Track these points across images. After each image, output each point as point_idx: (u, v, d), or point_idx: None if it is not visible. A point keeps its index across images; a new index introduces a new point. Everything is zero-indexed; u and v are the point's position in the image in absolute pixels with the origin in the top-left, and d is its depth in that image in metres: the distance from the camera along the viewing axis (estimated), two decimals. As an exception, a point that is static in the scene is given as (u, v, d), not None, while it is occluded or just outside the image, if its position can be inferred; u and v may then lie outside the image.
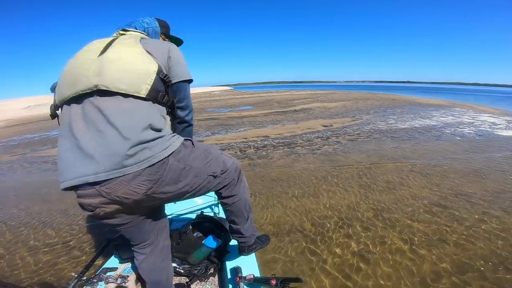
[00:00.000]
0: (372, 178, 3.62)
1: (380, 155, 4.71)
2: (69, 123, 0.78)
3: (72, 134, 0.76)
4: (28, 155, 6.92)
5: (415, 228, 2.37)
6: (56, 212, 3.15)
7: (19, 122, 19.08)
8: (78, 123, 0.76)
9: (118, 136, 0.73)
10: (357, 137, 6.06)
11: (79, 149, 0.74)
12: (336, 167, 4.15)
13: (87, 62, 0.80)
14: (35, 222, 2.95)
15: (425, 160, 4.35)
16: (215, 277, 1.39)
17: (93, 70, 0.77)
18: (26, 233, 2.73)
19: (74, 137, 0.75)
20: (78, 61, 0.83)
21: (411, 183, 3.42)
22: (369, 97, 18.68)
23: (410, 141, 5.72)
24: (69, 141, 0.76)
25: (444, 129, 6.91)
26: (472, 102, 15.86)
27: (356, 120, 8.53)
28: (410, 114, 9.59)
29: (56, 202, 3.44)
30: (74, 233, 2.65)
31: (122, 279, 1.22)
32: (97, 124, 0.74)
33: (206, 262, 1.40)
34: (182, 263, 1.38)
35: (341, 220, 2.56)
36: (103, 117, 0.74)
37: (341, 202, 2.93)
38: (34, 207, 3.33)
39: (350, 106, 12.59)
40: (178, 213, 1.90)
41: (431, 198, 2.96)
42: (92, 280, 1.18)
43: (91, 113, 0.76)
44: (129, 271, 1.30)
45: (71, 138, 0.76)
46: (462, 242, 2.15)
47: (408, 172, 3.83)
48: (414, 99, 16.84)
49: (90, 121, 0.75)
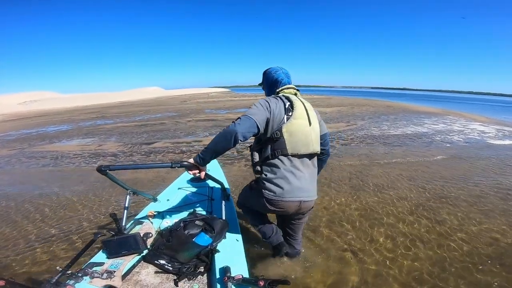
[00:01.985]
0: (361, 181, 3.76)
1: (371, 160, 4.90)
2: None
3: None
4: (25, 150, 6.95)
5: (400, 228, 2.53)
6: (46, 208, 3.20)
7: (15, 117, 18.98)
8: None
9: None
10: (350, 142, 6.26)
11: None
12: (328, 169, 4.29)
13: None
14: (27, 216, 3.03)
15: (414, 166, 4.54)
16: (203, 276, 1.37)
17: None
18: (14, 227, 2.78)
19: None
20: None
21: (399, 185, 3.60)
22: (365, 103, 18.99)
23: (401, 147, 5.91)
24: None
25: (434, 136, 7.13)
26: (464, 111, 16.19)
27: (350, 125, 8.74)
28: (403, 121, 9.83)
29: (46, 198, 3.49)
30: (64, 229, 2.67)
31: (108, 274, 1.21)
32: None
33: (196, 261, 1.40)
34: (171, 261, 1.38)
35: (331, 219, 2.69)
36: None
37: (332, 202, 3.07)
38: (25, 204, 3.35)
39: (345, 112, 12.82)
40: (171, 211, 1.90)
41: (417, 200, 3.12)
42: (77, 274, 1.16)
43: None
44: (115, 266, 1.28)
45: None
46: (442, 242, 2.30)
47: (397, 175, 3.99)
48: (409, 106, 17.16)
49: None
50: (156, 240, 1.55)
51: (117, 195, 3.38)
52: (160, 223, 1.70)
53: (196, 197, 2.14)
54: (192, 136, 7.31)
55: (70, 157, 5.76)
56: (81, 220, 2.82)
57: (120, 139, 7.46)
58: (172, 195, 2.17)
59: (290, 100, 1.43)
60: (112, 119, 12.90)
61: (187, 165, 1.37)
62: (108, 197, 3.38)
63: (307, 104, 1.48)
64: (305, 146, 1.39)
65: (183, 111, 14.67)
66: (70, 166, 5.03)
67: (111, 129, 9.44)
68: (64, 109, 23.86)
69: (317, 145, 1.45)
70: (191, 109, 16.04)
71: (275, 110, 1.37)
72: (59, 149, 6.62)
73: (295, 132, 1.36)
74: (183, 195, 2.16)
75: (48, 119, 15.36)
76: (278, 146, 1.37)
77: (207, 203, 2.04)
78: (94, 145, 6.80)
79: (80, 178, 4.24)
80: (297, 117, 1.38)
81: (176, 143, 6.50)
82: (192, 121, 10.36)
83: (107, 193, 3.52)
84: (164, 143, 6.55)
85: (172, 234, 1.45)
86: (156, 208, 1.90)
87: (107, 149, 6.30)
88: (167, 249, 1.41)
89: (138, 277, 1.33)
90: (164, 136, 7.53)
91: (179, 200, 2.08)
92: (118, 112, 16.78)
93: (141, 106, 20.78)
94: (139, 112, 15.88)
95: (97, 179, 3.99)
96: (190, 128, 8.63)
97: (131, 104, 25.49)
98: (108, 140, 7.44)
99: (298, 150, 1.38)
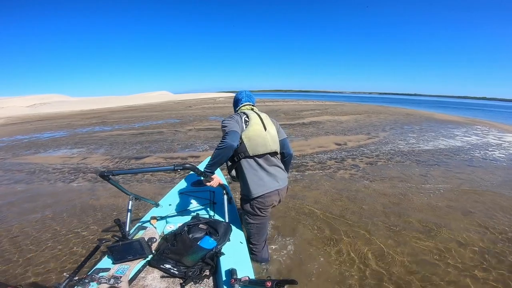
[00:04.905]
0: (401, 218, 2.91)
1: (407, 185, 3.87)
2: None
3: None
4: (7, 160, 6.30)
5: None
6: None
7: (18, 120, 18.73)
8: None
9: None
10: (377, 160, 5.20)
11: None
12: (354, 198, 3.40)
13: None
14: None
15: (462, 193, 3.61)
16: (209, 279, 1.37)
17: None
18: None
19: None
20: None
21: (452, 222, 2.80)
22: (381, 110, 17.73)
23: (438, 166, 4.87)
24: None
25: (473, 152, 6.04)
26: (488, 119, 14.91)
27: (372, 138, 7.63)
28: (430, 132, 8.69)
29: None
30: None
31: (115, 280, 1.19)
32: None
33: (201, 264, 1.39)
34: (176, 265, 1.38)
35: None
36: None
37: (365, 250, 2.29)
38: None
39: (363, 121, 11.65)
40: (173, 215, 1.92)
41: (481, 244, 2.41)
42: (84, 280, 1.14)
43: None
44: (122, 272, 1.27)
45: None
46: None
47: (445, 207, 3.16)
48: (430, 114, 15.84)
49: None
50: (161, 245, 1.54)
51: (79, 242, 2.53)
52: (164, 228, 1.78)
53: (198, 201, 2.13)
54: (189, 150, 6.38)
55: (49, 171, 5.10)
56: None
57: (109, 150, 6.63)
58: (174, 199, 2.15)
59: (246, 114, 1.73)
60: (111, 125, 12.21)
61: (189, 168, 1.36)
62: (66, 232, 2.70)
63: (262, 115, 1.77)
64: (263, 146, 1.64)
65: (186, 118, 13.82)
66: (43, 184, 4.36)
67: (105, 137, 8.65)
68: (68, 113, 23.58)
69: (275, 145, 1.70)
70: (195, 115, 15.17)
71: (239, 122, 1.65)
72: (40, 161, 5.97)
73: (252, 137, 1.63)
74: (184, 199, 2.15)
75: (48, 123, 14.87)
76: (241, 150, 1.62)
77: (209, 206, 2.05)
78: (78, 158, 6.01)
79: (48, 201, 3.62)
80: (252, 125, 1.66)
81: (169, 159, 5.58)
82: (193, 130, 9.43)
83: (69, 226, 2.85)
84: (155, 158, 5.65)
85: (177, 238, 1.46)
86: (159, 213, 1.91)
87: (91, 163, 5.50)
88: (172, 253, 1.41)
89: (145, 282, 1.34)
90: (158, 148, 6.64)
91: (181, 205, 2.07)
92: (120, 117, 16.17)
93: (145, 111, 20.19)
94: (141, 117, 15.20)
95: (67, 203, 3.50)
96: (189, 139, 7.70)
97: (136, 108, 25.02)
98: (96, 151, 6.63)
99: (258, 151, 1.63)
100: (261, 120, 1.70)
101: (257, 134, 1.63)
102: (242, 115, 1.71)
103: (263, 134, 1.65)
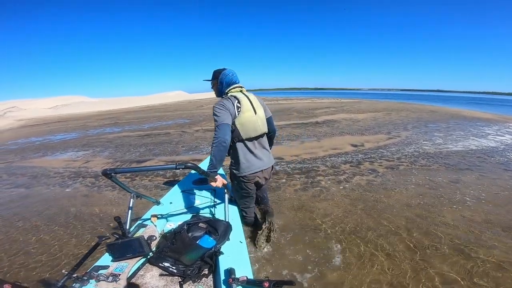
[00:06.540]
0: (431, 237, 2.38)
1: (435, 195, 3.30)
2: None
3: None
4: (14, 164, 6.29)
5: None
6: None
7: (37, 122, 19.44)
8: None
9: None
10: (399, 164, 4.60)
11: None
12: (373, 211, 2.88)
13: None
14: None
15: (502, 205, 3.02)
16: (208, 278, 1.34)
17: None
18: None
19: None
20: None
21: (491, 241, 2.25)
22: (402, 107, 16.61)
23: (471, 171, 4.21)
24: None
25: (509, 154, 5.29)
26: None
27: (393, 138, 6.94)
28: (459, 131, 7.85)
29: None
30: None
31: (113, 277, 1.18)
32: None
33: (200, 263, 1.37)
34: (175, 263, 1.37)
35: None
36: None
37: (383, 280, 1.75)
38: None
39: (382, 119, 10.82)
40: (174, 214, 1.91)
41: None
42: (83, 277, 1.14)
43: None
44: (121, 269, 1.26)
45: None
46: None
47: (483, 222, 2.64)
48: (457, 111, 14.58)
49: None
50: (160, 243, 1.53)
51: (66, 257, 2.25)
52: (164, 226, 1.78)
53: (199, 199, 2.11)
54: (193, 152, 6.05)
55: (50, 176, 5.00)
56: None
57: (114, 153, 6.46)
58: (175, 198, 2.14)
59: (237, 98, 1.77)
60: (121, 126, 12.24)
61: (191, 167, 1.36)
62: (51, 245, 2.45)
63: (251, 96, 1.86)
64: (254, 131, 1.79)
65: (196, 118, 13.61)
66: (42, 190, 4.23)
67: (112, 139, 8.55)
68: (86, 114, 24.27)
69: (264, 127, 1.87)
70: (205, 115, 14.92)
71: (231, 110, 1.71)
72: (45, 165, 5.93)
73: (245, 123, 1.74)
74: (186, 197, 2.13)
75: (63, 125, 15.25)
76: (235, 135, 1.75)
77: (210, 205, 2.04)
78: (81, 161, 5.90)
79: (41, 208, 3.50)
80: (244, 111, 1.74)
81: (171, 162, 5.28)
82: (200, 131, 9.12)
83: (59, 236, 2.68)
84: (157, 162, 5.38)
85: (176, 236, 1.44)
86: (160, 211, 1.90)
87: (92, 167, 5.33)
88: (171, 251, 1.40)
89: (143, 280, 1.33)
90: (162, 151, 6.37)
91: (182, 203, 2.07)
92: (132, 118, 16.30)
93: (159, 112, 20.30)
94: (152, 118, 15.20)
95: (58, 211, 3.34)
96: (195, 140, 7.38)
97: (151, 108, 25.31)
98: (100, 154, 6.50)
99: (250, 135, 1.78)
100: (251, 104, 1.82)
101: (249, 120, 1.76)
102: (234, 100, 1.76)
103: (253, 118, 1.79)
